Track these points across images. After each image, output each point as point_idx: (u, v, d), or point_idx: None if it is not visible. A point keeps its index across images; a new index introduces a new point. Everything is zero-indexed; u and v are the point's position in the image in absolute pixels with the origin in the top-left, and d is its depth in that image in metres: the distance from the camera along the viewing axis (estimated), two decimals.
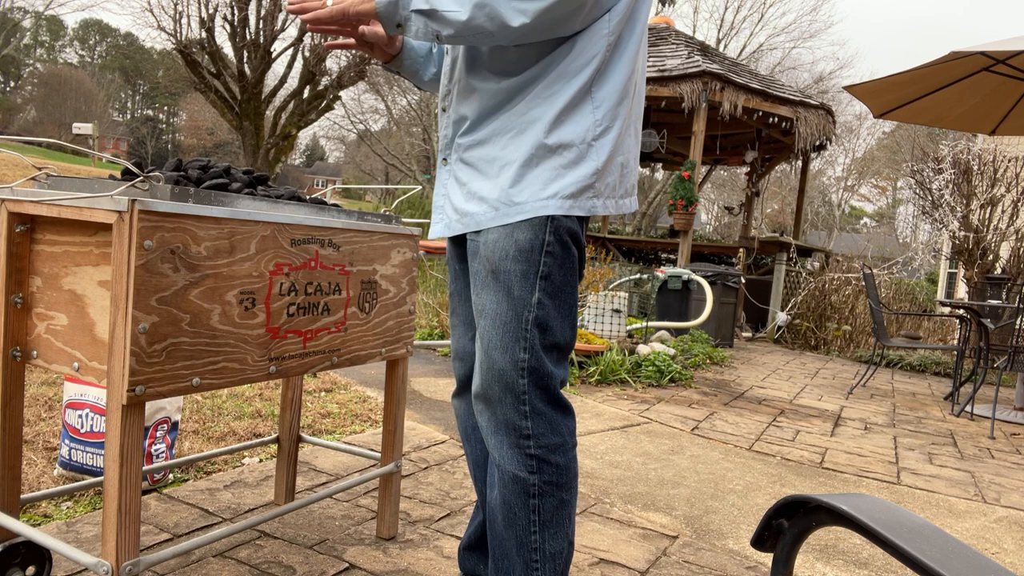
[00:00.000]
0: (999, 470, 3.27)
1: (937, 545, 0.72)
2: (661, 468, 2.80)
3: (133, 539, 1.19)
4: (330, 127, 33.93)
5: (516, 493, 1.27)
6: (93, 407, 2.00)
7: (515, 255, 1.25)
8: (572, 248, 1.29)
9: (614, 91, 1.29)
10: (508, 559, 1.29)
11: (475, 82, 1.31)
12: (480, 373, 1.29)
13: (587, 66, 1.26)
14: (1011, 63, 5.11)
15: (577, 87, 1.26)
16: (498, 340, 1.26)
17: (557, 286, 1.28)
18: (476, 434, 1.51)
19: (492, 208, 1.27)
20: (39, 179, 1.37)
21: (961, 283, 9.39)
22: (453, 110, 1.36)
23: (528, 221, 1.25)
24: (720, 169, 20.01)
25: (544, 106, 1.26)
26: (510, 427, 1.26)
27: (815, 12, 44.80)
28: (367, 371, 4.03)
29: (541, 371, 1.26)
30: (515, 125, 1.27)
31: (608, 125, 1.29)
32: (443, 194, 1.39)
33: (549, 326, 1.27)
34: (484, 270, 1.29)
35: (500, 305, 1.26)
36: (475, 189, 1.31)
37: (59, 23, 56.30)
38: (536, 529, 1.27)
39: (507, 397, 1.26)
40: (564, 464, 1.28)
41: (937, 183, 7.76)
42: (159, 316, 1.18)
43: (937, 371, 6.83)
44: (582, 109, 1.27)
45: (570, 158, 1.27)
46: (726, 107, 7.52)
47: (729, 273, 6.87)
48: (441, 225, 1.39)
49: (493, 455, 1.30)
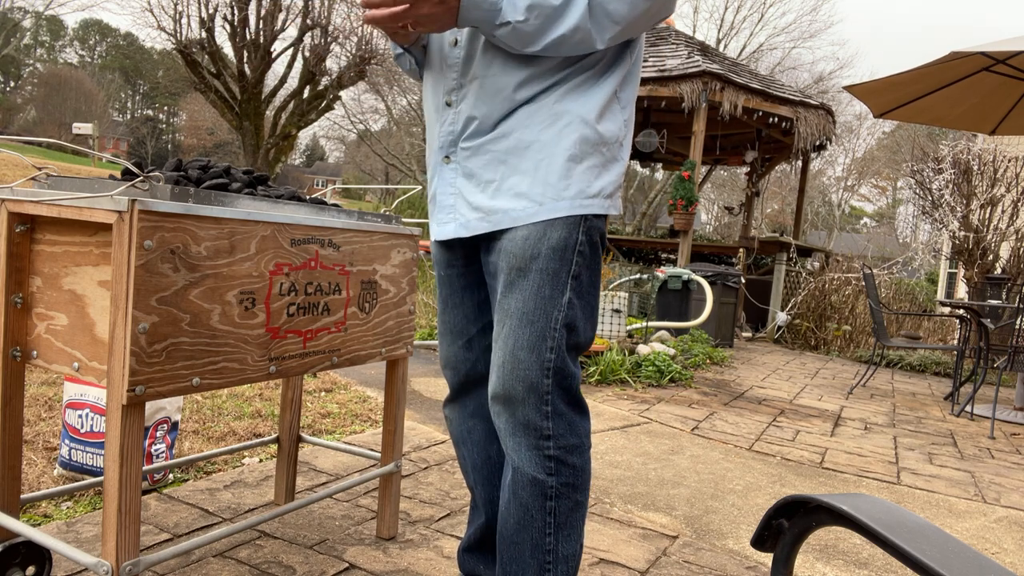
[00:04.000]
0: (999, 470, 3.27)
1: (937, 545, 0.72)
2: (661, 468, 2.80)
3: (133, 539, 1.19)
4: (330, 127, 33.92)
5: (533, 495, 1.25)
6: (93, 407, 2.00)
7: (547, 254, 1.23)
8: (599, 248, 1.30)
9: (633, 94, 1.34)
10: (520, 562, 1.27)
11: (496, 78, 1.27)
12: (501, 373, 1.26)
13: (617, 68, 1.28)
14: (1011, 63, 5.10)
15: (610, 87, 1.27)
16: (525, 340, 1.24)
17: (585, 286, 1.27)
18: (472, 438, 1.49)
19: (535, 203, 1.24)
20: (39, 179, 1.37)
21: (961, 283, 9.39)
22: (467, 105, 1.30)
23: (563, 219, 1.24)
24: (720, 169, 20.01)
25: (580, 101, 1.25)
26: (530, 428, 1.25)
27: (815, 12, 44.82)
28: (367, 371, 4.03)
29: (565, 371, 1.25)
30: (544, 116, 1.25)
31: (630, 127, 1.34)
32: (452, 192, 1.34)
33: (576, 326, 1.26)
34: (511, 268, 1.25)
35: (528, 304, 1.24)
36: (508, 184, 1.27)
37: (59, 23, 56.30)
38: (551, 531, 1.26)
39: (530, 397, 1.24)
40: (581, 466, 1.28)
41: (937, 183, 7.76)
42: (159, 316, 1.18)
43: (937, 371, 6.83)
44: (613, 108, 1.29)
45: (609, 156, 1.28)
46: (726, 107, 7.51)
47: (729, 273, 6.87)
48: (454, 225, 1.33)
49: (511, 457, 1.28)
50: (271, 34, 15.79)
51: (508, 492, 1.29)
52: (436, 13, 1.16)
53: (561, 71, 1.25)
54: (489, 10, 1.16)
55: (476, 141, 1.29)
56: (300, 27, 16.06)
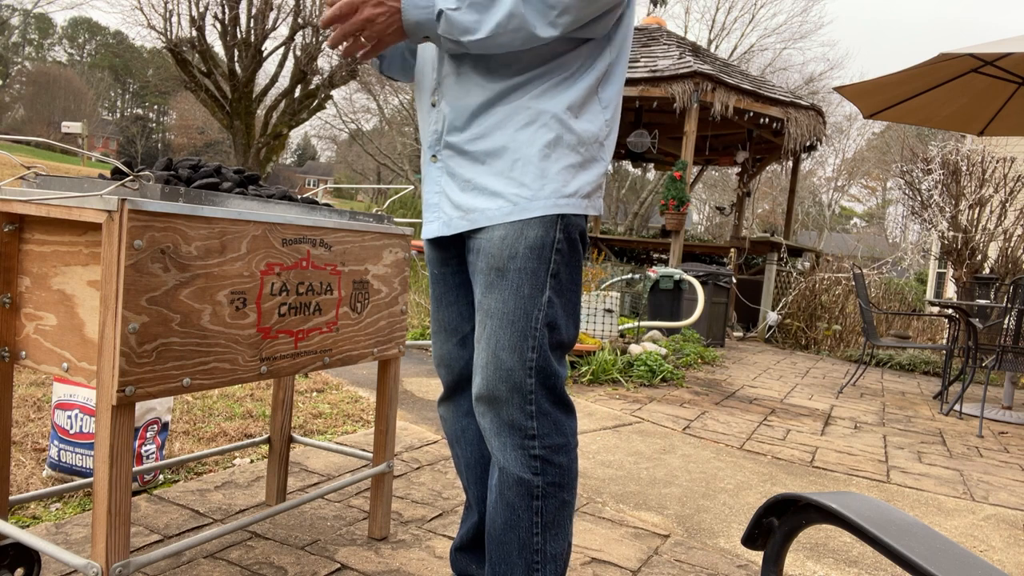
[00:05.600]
0: (987, 468, 3.30)
1: (925, 542, 0.72)
2: (653, 467, 2.80)
3: (123, 540, 1.18)
4: (321, 126, 33.80)
5: (519, 495, 1.26)
6: (82, 408, 1.99)
7: (525, 253, 1.24)
8: (579, 246, 1.29)
9: (616, 94, 1.32)
10: (508, 562, 1.28)
11: (471, 75, 1.28)
12: (485, 374, 1.26)
13: (595, 66, 1.27)
14: (999, 64, 5.15)
15: (587, 85, 1.26)
16: (507, 340, 1.24)
17: (565, 284, 1.27)
18: (466, 437, 1.49)
19: (509, 203, 1.25)
20: (28, 178, 1.36)
21: (950, 283, 9.46)
22: (445, 103, 1.31)
23: (540, 218, 1.24)
24: (711, 169, 20.08)
25: (555, 100, 1.24)
26: (515, 428, 1.25)
27: (805, 13, 45.09)
28: (359, 371, 4.02)
29: (548, 370, 1.26)
30: (521, 116, 1.25)
31: (613, 126, 1.32)
32: (437, 191, 1.35)
33: (557, 324, 1.26)
34: (489, 268, 1.26)
35: (508, 304, 1.24)
36: (484, 183, 1.27)
37: (48, 21, 55.91)
38: (538, 531, 1.26)
39: (514, 397, 1.24)
40: (567, 465, 1.28)
41: (926, 184, 7.81)
42: (149, 316, 1.18)
43: (926, 370, 6.88)
44: (592, 108, 1.28)
45: (587, 156, 1.27)
46: (717, 107, 7.54)
47: (720, 273, 6.90)
48: (439, 223, 1.34)
49: (496, 457, 1.28)
50: (262, 33, 15.73)
51: (495, 492, 1.29)
52: (379, 14, 1.18)
53: (535, 68, 1.25)
54: (426, 7, 1.18)
55: (456, 138, 1.30)
56: (291, 26, 16.01)
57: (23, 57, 54.32)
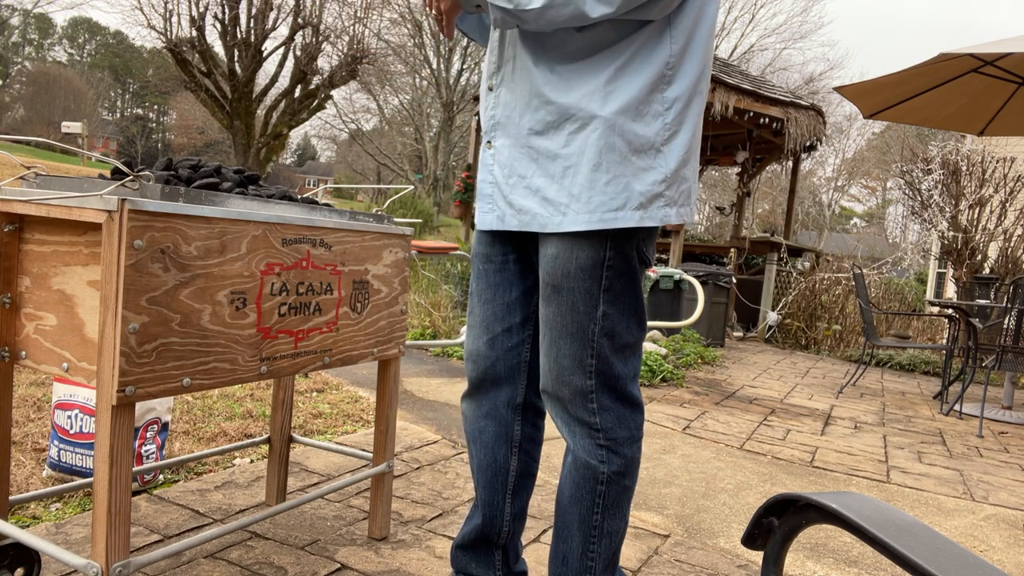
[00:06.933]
0: (987, 468, 3.30)
1: (926, 543, 0.72)
2: (653, 467, 2.80)
3: (123, 540, 1.18)
4: (321, 126, 33.83)
5: (585, 477, 1.32)
6: (82, 408, 1.99)
7: (576, 274, 1.25)
8: (634, 261, 1.27)
9: (685, 95, 1.23)
10: (569, 529, 1.35)
11: (529, 63, 1.26)
12: (549, 378, 1.32)
13: (653, 59, 1.20)
14: (999, 64, 5.15)
15: (645, 81, 1.20)
16: (566, 349, 1.28)
17: (619, 294, 1.27)
18: (482, 438, 1.49)
19: (559, 212, 1.24)
20: (28, 178, 1.36)
21: (950, 283, 9.46)
22: (504, 89, 1.29)
23: (588, 237, 1.23)
24: (711, 169, 20.06)
25: (609, 102, 1.20)
26: (582, 422, 1.31)
27: (805, 13, 45.17)
28: (359, 371, 4.02)
29: (608, 373, 1.29)
30: (575, 117, 1.22)
31: (677, 128, 1.24)
32: (490, 181, 1.33)
33: (616, 331, 1.28)
34: (545, 284, 1.30)
35: (565, 318, 1.27)
36: (538, 185, 1.26)
37: (48, 21, 55.91)
38: (599, 511, 1.32)
39: (576, 399, 1.30)
40: (631, 455, 1.33)
41: (926, 184, 7.81)
42: (149, 316, 1.18)
43: (926, 370, 6.88)
44: (651, 108, 1.21)
45: (640, 165, 1.21)
46: (717, 107, 7.54)
47: (720, 273, 6.90)
48: (493, 216, 1.34)
49: (567, 440, 1.35)
50: (262, 33, 15.73)
51: (567, 468, 1.35)
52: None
53: (595, 55, 1.21)
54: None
55: (511, 132, 1.29)
56: (291, 26, 16.01)
57: (23, 57, 54.34)
